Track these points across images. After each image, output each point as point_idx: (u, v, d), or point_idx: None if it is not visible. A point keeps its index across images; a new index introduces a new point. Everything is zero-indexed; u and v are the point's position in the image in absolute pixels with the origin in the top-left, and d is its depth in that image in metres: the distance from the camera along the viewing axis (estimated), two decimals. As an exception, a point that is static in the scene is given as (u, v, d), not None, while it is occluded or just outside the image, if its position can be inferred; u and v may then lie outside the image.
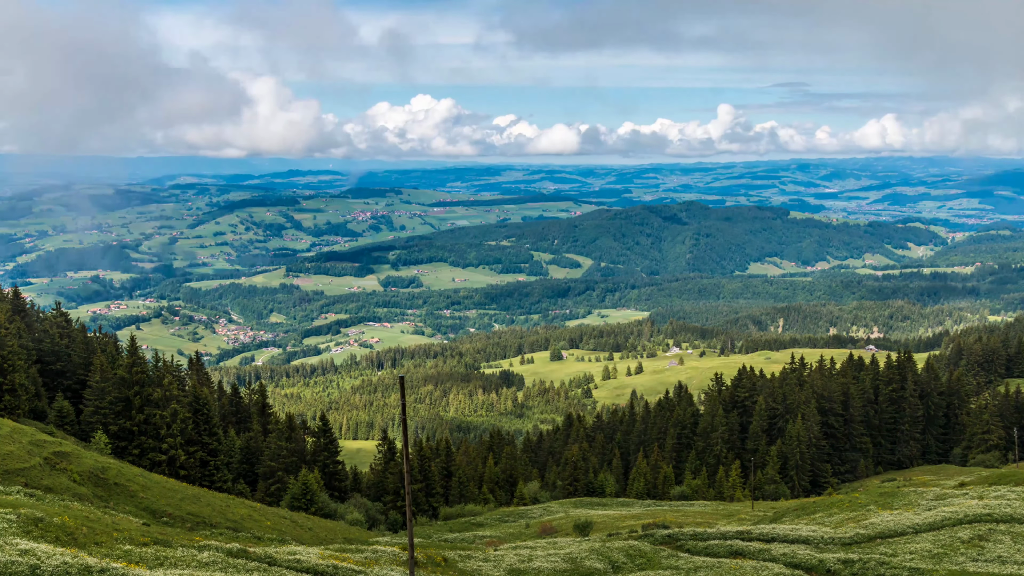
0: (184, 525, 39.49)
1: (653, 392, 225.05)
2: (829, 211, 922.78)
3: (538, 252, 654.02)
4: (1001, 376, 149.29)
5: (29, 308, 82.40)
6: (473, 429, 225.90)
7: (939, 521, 37.54)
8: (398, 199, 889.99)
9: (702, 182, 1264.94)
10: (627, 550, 36.76)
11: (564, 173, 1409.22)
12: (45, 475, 38.64)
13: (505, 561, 34.57)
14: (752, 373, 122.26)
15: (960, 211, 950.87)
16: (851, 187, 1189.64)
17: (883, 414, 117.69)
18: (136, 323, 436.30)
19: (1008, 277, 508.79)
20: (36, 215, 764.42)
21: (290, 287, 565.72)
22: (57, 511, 27.19)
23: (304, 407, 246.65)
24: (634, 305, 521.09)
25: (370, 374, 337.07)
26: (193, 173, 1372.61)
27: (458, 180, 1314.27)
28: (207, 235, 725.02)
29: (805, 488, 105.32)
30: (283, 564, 25.96)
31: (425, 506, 79.31)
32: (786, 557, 33.76)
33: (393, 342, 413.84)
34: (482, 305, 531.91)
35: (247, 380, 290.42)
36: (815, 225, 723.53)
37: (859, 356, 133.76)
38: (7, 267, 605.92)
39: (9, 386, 60.26)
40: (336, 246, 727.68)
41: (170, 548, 24.78)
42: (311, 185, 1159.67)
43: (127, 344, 72.56)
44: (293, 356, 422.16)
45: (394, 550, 33.94)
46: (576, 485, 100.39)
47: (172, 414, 66.54)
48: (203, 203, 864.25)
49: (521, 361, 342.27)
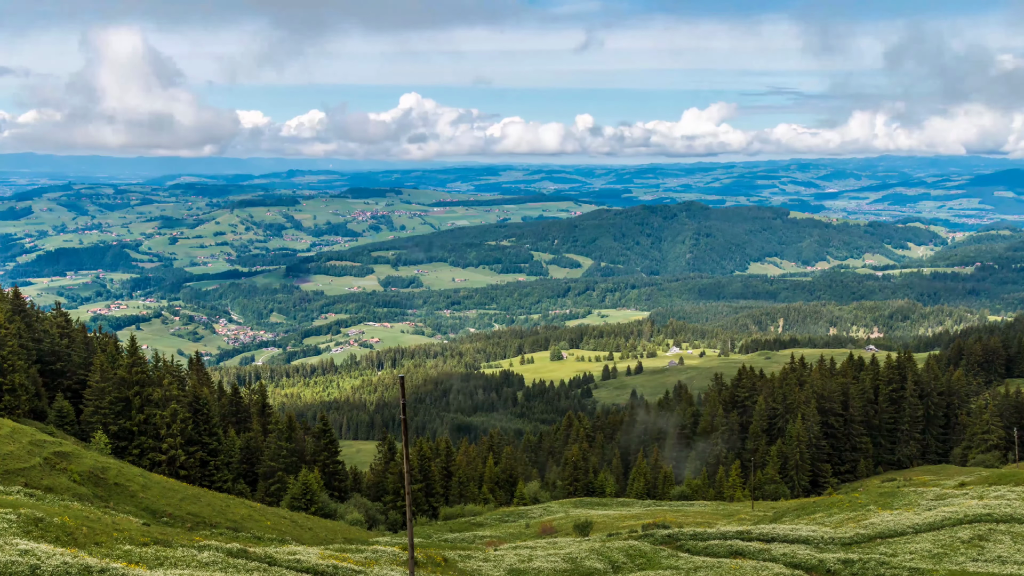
0: (184, 525, 39.48)
1: (653, 392, 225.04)
2: (829, 211, 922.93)
3: (538, 252, 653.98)
4: (1001, 376, 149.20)
5: (29, 308, 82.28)
6: (473, 429, 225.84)
7: (939, 521, 37.53)
8: (398, 199, 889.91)
9: (702, 182, 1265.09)
10: (627, 550, 36.75)
11: (564, 173, 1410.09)
12: (45, 475, 38.64)
13: (505, 561, 34.56)
14: (752, 373, 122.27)
15: (960, 211, 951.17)
16: (851, 187, 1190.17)
17: (883, 414, 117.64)
18: (136, 323, 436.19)
19: (1008, 277, 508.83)
20: (36, 215, 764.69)
21: (290, 287, 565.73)
22: (57, 511, 27.19)
23: (304, 407, 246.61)
24: (634, 305, 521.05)
25: (370, 374, 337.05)
26: (193, 173, 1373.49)
27: (458, 180, 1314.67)
28: (207, 235, 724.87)
29: (805, 488, 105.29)
30: (283, 564, 25.95)
31: (425, 506, 79.32)
32: (786, 557, 33.75)
33: (393, 342, 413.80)
34: (482, 305, 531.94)
35: (247, 380, 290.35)
36: (815, 225, 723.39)
37: (859, 356, 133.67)
38: (7, 267, 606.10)
39: (9, 386, 60.25)
40: (336, 246, 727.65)
41: (170, 548, 24.78)
42: (311, 185, 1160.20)
43: (127, 344, 72.52)
44: (293, 356, 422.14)
45: (394, 550, 33.93)
46: (576, 485, 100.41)
47: (172, 414, 66.52)
48: (203, 203, 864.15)
49: (521, 361, 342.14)
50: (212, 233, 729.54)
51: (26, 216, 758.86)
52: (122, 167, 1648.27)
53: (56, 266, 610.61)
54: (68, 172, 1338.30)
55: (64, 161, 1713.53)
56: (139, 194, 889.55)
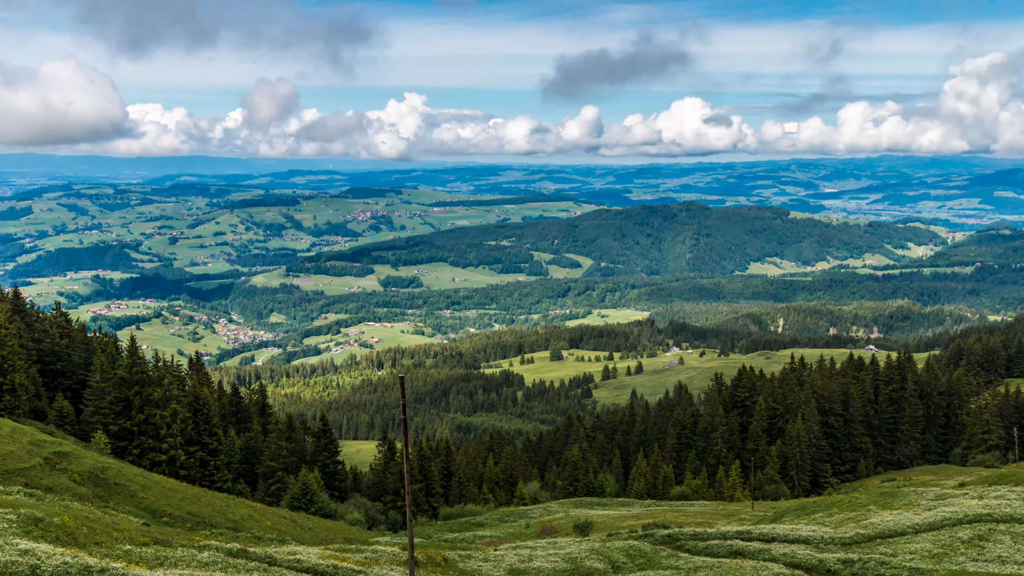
0: (184, 525, 39.47)
1: (653, 392, 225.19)
2: (829, 211, 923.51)
3: (538, 252, 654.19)
4: (1001, 376, 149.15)
5: (29, 308, 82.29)
6: (473, 429, 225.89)
7: (939, 521, 37.52)
8: (398, 199, 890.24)
9: (702, 182, 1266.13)
10: (627, 550, 36.75)
11: (564, 173, 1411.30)
12: (45, 475, 38.64)
13: (505, 561, 34.56)
14: (752, 373, 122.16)
15: (960, 211, 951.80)
16: (851, 187, 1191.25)
17: (883, 414, 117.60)
18: (136, 323, 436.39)
19: (1008, 277, 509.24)
20: (36, 215, 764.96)
21: (290, 287, 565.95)
22: (57, 511, 27.19)
23: (304, 407, 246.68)
24: (634, 305, 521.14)
25: (370, 374, 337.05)
26: (193, 173, 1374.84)
27: (458, 180, 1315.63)
28: (207, 235, 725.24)
29: (805, 488, 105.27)
30: (283, 564, 25.95)
31: (425, 506, 79.30)
32: (786, 557, 33.75)
33: (393, 342, 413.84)
34: (482, 305, 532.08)
35: (247, 380, 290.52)
36: (815, 225, 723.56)
37: (859, 356, 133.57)
38: (7, 267, 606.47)
39: (9, 386, 60.23)
40: (336, 246, 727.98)
41: (170, 548, 24.78)
42: (311, 185, 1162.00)
43: (127, 344, 72.44)
44: (293, 356, 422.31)
45: (394, 550, 33.93)
46: (576, 485, 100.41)
47: (172, 414, 66.51)
48: (203, 203, 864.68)
49: (521, 361, 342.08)
50: (212, 233, 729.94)
51: (26, 216, 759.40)
52: (122, 167, 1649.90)
53: (56, 266, 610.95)
54: (68, 172, 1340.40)
55: (64, 161, 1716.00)
56: (139, 194, 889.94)
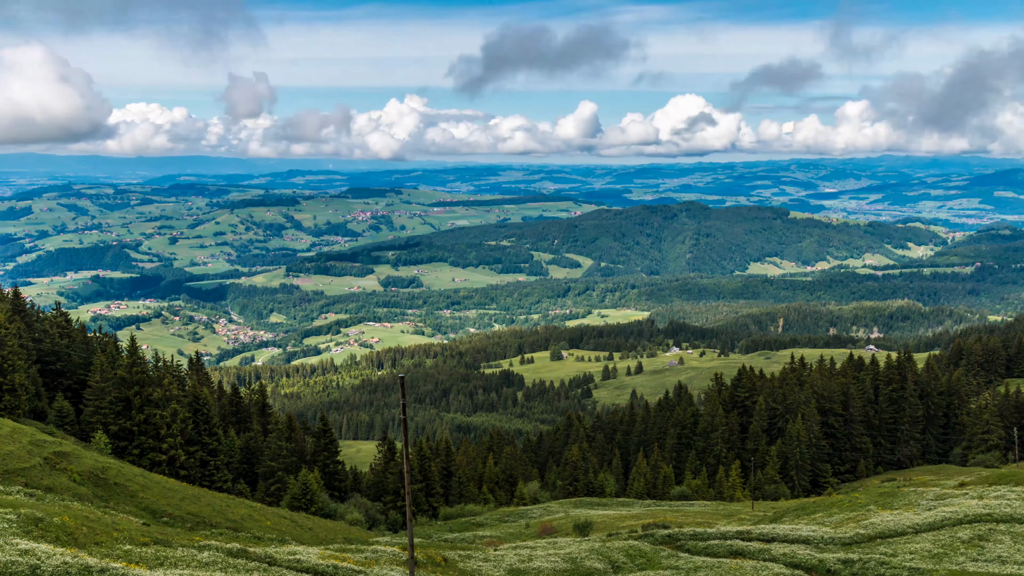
0: (184, 525, 39.47)
1: (653, 392, 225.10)
2: (829, 211, 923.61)
3: (538, 252, 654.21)
4: (1001, 376, 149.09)
5: (29, 308, 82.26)
6: (473, 429, 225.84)
7: (939, 521, 37.53)
8: (398, 199, 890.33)
9: (702, 182, 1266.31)
10: (627, 550, 36.75)
11: (564, 173, 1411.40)
12: (45, 475, 38.63)
13: (505, 561, 34.56)
14: (752, 373, 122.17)
15: (960, 211, 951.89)
16: (851, 187, 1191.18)
17: (883, 414, 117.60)
18: (136, 323, 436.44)
19: (1008, 277, 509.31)
20: (36, 215, 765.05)
21: (290, 287, 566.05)
22: (57, 511, 27.19)
23: (304, 407, 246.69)
24: (634, 305, 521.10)
25: (370, 374, 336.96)
26: (193, 173, 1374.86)
27: (458, 180, 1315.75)
28: (207, 235, 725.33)
29: (805, 488, 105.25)
30: (283, 564, 25.95)
31: (425, 506, 79.28)
32: (786, 557, 33.75)
33: (393, 342, 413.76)
34: (482, 305, 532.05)
35: (247, 380, 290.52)
36: (815, 225, 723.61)
37: (859, 356, 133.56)
38: (7, 267, 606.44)
39: (9, 386, 60.21)
40: (336, 246, 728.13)
41: (170, 548, 24.78)
42: (311, 185, 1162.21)
43: (127, 344, 72.42)
44: (293, 356, 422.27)
45: (394, 550, 33.93)
46: (576, 485, 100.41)
47: (172, 414, 66.51)
48: (203, 203, 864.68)
49: (521, 361, 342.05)
50: (212, 233, 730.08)
51: (26, 216, 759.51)
52: (122, 167, 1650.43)
53: (56, 266, 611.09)
54: (68, 172, 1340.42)
55: (64, 161, 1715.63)
56: (139, 194, 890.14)
